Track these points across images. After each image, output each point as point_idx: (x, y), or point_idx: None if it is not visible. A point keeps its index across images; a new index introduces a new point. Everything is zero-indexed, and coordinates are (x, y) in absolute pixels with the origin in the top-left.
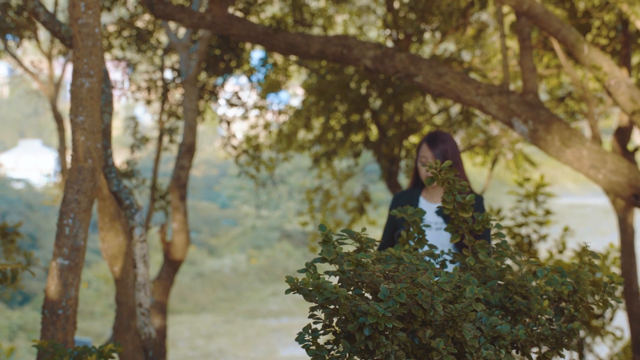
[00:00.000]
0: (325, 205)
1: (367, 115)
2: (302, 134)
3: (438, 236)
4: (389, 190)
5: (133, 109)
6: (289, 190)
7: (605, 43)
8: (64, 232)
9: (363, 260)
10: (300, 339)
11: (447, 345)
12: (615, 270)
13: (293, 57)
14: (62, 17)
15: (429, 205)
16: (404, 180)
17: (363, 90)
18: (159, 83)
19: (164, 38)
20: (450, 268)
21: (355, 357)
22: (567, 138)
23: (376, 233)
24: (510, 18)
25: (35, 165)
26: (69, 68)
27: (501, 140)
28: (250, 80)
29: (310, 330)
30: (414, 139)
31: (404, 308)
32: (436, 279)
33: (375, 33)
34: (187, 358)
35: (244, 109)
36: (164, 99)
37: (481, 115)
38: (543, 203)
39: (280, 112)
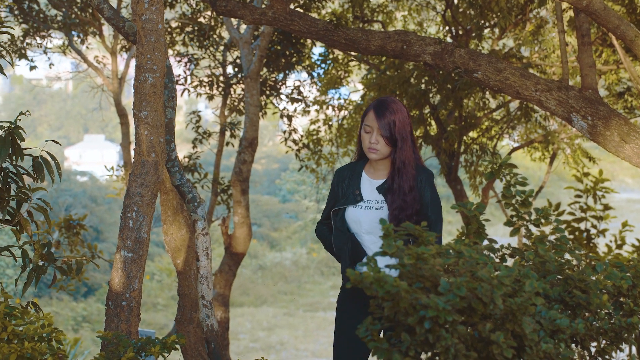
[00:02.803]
0: None
1: (427, 110)
2: None
3: (378, 216)
4: (448, 185)
5: (195, 104)
6: None
7: None
8: (127, 225)
9: (423, 254)
10: (361, 331)
11: (506, 339)
12: None
13: (353, 53)
14: (125, 13)
15: (371, 182)
16: (463, 175)
17: (422, 86)
18: (221, 78)
19: (225, 34)
20: None
21: (416, 350)
22: (626, 134)
23: None
24: (569, 14)
25: (99, 159)
26: (132, 63)
27: (560, 135)
28: (311, 75)
29: (370, 323)
30: (473, 134)
31: (464, 301)
32: (496, 272)
33: (434, 29)
34: (248, 350)
35: (304, 104)
36: (225, 94)
37: (540, 111)
38: (602, 198)
39: (340, 107)
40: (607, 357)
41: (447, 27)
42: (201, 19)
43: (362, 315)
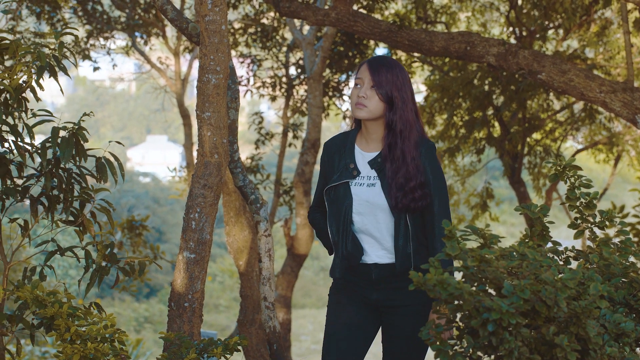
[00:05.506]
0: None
1: (490, 111)
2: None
3: (370, 195)
4: (511, 187)
5: (258, 105)
6: None
7: None
8: (190, 226)
9: (487, 256)
10: (424, 334)
11: (570, 342)
12: None
13: (416, 54)
14: (189, 14)
15: (363, 155)
16: (526, 177)
17: (486, 87)
18: (284, 79)
19: (288, 35)
20: None
21: (479, 353)
22: None
23: (499, 229)
24: (635, 15)
25: (162, 160)
26: (195, 64)
27: (625, 137)
28: None
29: (434, 326)
30: (537, 135)
31: (527, 304)
32: (560, 275)
33: (498, 30)
34: (310, 352)
35: None
36: (288, 95)
37: (604, 113)
38: None
39: None
40: None
41: (510, 28)
42: (264, 20)
43: (356, 305)
